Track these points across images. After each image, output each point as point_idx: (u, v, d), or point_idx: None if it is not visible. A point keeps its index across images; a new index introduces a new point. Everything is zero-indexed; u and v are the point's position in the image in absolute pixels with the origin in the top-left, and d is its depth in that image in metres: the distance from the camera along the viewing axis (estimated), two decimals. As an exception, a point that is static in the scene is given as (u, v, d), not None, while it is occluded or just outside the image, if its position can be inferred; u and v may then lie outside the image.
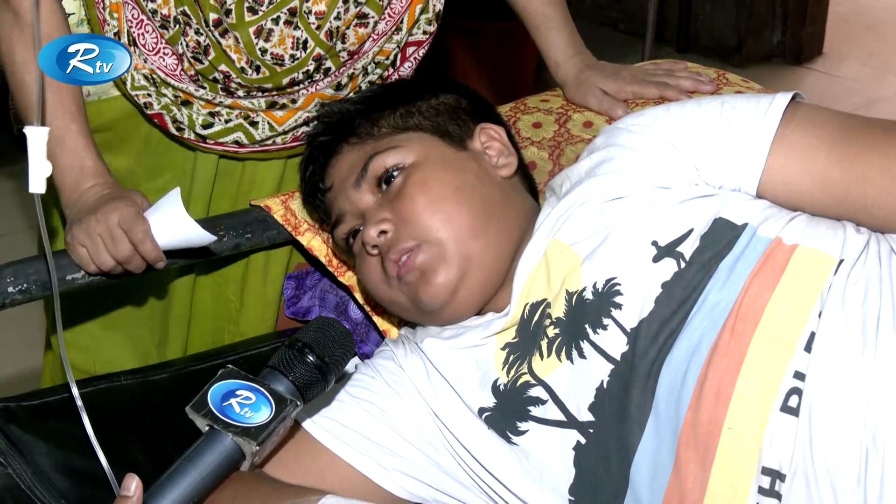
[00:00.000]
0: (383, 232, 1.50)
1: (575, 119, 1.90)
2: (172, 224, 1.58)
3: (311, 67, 1.77)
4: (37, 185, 1.29)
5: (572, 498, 1.38)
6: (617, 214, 1.44)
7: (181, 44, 1.75)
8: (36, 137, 1.28)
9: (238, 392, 1.25)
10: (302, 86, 1.80)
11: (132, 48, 1.76)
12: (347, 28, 1.77)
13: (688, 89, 1.88)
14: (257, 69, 1.74)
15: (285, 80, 1.77)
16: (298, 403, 1.27)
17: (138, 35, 1.76)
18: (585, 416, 1.37)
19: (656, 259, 1.38)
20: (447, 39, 3.75)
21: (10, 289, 1.61)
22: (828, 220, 1.40)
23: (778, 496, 1.25)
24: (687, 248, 1.38)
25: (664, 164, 1.46)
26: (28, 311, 2.02)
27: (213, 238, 1.61)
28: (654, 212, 1.42)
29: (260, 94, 1.79)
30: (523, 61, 4.07)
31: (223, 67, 1.74)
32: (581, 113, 1.91)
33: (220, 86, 1.78)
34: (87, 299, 1.96)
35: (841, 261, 1.33)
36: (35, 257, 1.63)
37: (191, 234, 1.59)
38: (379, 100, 1.64)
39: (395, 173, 1.54)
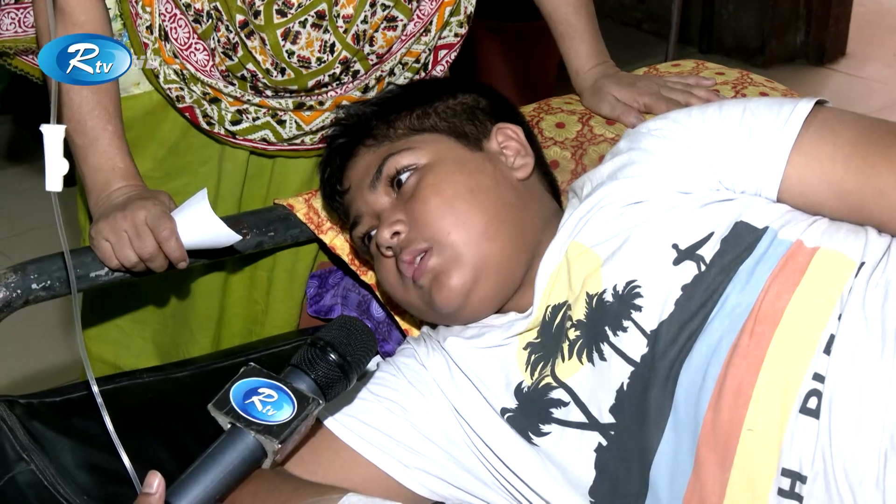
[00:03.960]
0: (396, 233, 1.50)
1: (598, 118, 1.90)
2: (199, 223, 1.59)
3: (338, 70, 1.77)
4: (53, 183, 1.30)
5: (593, 499, 1.38)
6: (637, 218, 1.44)
7: (213, 38, 1.75)
8: (52, 136, 1.28)
9: (260, 390, 1.25)
10: (329, 88, 1.80)
11: (164, 42, 1.77)
12: (375, 31, 1.77)
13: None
14: (282, 71, 1.74)
15: (310, 83, 1.77)
16: (320, 402, 1.27)
17: (171, 29, 1.76)
18: (607, 418, 1.37)
19: (676, 262, 1.38)
20: (472, 38, 3.75)
21: (34, 285, 1.61)
22: (849, 224, 1.40)
23: (798, 498, 1.24)
24: (707, 252, 1.37)
25: (684, 169, 1.46)
26: (52, 308, 2.03)
27: (239, 238, 1.61)
28: (675, 215, 1.42)
29: (287, 94, 1.79)
30: (547, 59, 4.06)
31: (250, 66, 1.74)
32: (604, 113, 1.91)
33: (248, 84, 1.78)
34: (117, 294, 1.96)
35: (862, 264, 1.32)
36: (59, 254, 1.63)
37: (217, 233, 1.59)
38: (396, 101, 1.64)
39: (408, 175, 1.54)
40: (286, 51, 1.72)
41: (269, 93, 1.79)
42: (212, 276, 1.95)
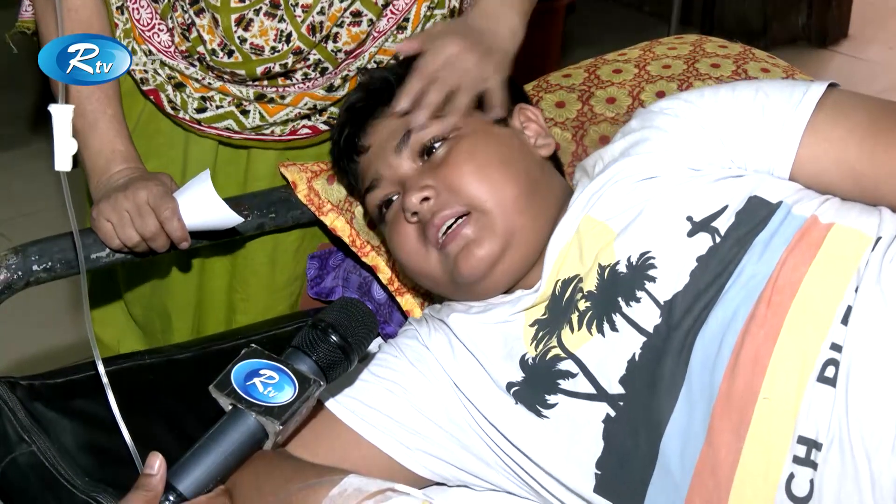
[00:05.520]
0: (426, 199, 1.49)
1: (598, 95, 1.89)
2: (201, 204, 1.59)
3: (290, 61, 1.73)
4: (62, 162, 1.30)
5: (598, 471, 1.38)
6: (651, 191, 1.45)
7: (170, 18, 1.73)
8: (61, 115, 1.28)
9: (261, 371, 1.25)
10: (291, 81, 1.77)
11: (132, 24, 1.76)
12: (338, 26, 1.73)
13: None
14: (230, 53, 1.71)
15: (259, 69, 1.73)
16: (321, 383, 1.27)
17: (133, 10, 1.75)
18: (616, 388, 1.37)
19: (691, 234, 1.39)
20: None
21: (35, 267, 1.61)
22: (862, 203, 1.41)
23: (813, 465, 1.25)
24: (722, 224, 1.38)
25: (697, 147, 1.47)
26: (54, 289, 2.03)
27: (241, 219, 1.61)
28: (689, 188, 1.43)
29: (251, 82, 1.76)
30: (551, 42, 4.06)
31: (200, 49, 1.72)
32: (603, 89, 1.90)
33: (206, 67, 1.76)
34: (118, 277, 1.96)
35: (878, 239, 1.33)
36: (61, 235, 1.63)
37: (219, 214, 1.59)
38: None
39: (437, 143, 1.53)
40: (238, 37, 1.69)
41: (227, 77, 1.76)
42: (189, 262, 1.92)
